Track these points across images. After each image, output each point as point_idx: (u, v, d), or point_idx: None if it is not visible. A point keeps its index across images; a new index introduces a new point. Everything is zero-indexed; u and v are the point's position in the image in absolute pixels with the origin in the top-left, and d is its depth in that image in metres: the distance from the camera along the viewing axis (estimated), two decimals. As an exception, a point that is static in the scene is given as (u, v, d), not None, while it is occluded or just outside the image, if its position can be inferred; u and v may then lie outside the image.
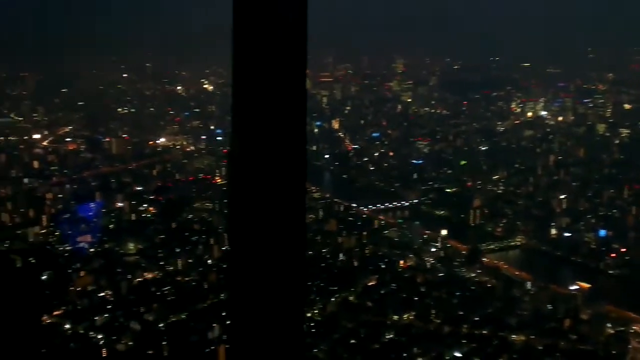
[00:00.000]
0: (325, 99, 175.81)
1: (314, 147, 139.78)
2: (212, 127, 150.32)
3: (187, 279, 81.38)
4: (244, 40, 6.78)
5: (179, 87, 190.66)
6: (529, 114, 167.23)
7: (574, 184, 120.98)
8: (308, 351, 62.29)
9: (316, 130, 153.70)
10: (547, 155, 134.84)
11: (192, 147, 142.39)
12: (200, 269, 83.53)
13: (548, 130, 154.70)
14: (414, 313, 75.40)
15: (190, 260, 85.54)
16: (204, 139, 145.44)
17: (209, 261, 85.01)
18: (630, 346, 70.54)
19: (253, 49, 6.54)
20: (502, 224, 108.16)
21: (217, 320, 68.28)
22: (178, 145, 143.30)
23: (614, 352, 69.44)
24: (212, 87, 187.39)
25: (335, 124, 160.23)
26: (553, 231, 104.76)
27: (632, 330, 73.73)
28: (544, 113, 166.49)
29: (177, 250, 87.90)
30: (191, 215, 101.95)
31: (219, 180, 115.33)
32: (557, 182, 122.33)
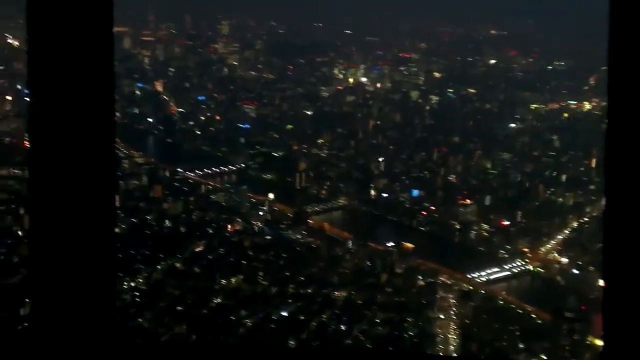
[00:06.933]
0: (147, 60, 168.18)
1: (136, 110, 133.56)
2: (19, 87, 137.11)
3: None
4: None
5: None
6: (351, 80, 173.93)
7: (390, 147, 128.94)
8: (132, 321, 60.50)
9: (138, 92, 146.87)
10: (367, 120, 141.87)
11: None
12: (10, 241, 76.94)
13: (368, 96, 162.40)
14: (242, 277, 76.37)
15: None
16: (9, 100, 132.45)
17: (19, 232, 78.48)
18: (437, 295, 77.85)
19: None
20: (326, 187, 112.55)
21: (29, 296, 63.55)
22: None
23: (424, 301, 76.14)
24: (17, 43, 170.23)
25: (159, 86, 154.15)
26: (372, 192, 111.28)
27: (440, 281, 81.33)
28: (364, 79, 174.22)
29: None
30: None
31: (28, 145, 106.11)
32: (376, 145, 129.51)
